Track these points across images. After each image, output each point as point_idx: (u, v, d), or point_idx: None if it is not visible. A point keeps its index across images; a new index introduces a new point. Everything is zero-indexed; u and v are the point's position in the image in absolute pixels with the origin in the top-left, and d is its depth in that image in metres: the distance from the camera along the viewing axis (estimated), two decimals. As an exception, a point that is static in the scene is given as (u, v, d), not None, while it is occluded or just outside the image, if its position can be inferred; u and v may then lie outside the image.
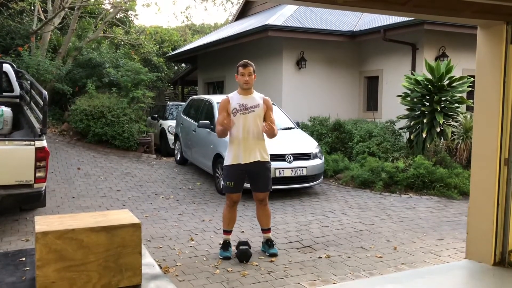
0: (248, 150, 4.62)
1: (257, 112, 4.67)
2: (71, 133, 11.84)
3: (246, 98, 4.69)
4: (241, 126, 4.61)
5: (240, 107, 4.62)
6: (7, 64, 7.87)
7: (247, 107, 4.63)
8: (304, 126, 10.56)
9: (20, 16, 15.32)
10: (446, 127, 8.71)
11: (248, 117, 4.62)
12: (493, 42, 4.17)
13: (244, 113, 4.61)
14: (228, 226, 4.82)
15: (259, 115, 4.69)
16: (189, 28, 29.45)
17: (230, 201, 4.76)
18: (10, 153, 5.17)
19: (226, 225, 4.82)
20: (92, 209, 6.70)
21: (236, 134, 4.64)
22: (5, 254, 3.16)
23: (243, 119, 4.61)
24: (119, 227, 2.59)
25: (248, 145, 4.62)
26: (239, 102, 4.65)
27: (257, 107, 4.67)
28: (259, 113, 4.68)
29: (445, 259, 4.77)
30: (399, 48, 11.01)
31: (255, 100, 4.71)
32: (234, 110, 4.62)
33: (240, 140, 4.62)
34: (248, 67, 4.69)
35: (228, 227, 4.82)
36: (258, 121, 4.67)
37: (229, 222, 4.81)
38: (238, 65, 4.73)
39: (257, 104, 4.69)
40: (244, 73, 4.66)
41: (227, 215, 4.80)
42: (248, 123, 4.61)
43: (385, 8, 3.71)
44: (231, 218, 4.81)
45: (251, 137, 4.63)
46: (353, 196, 7.72)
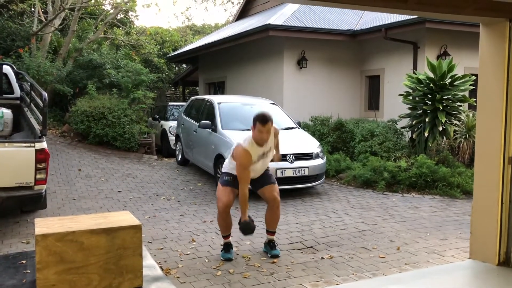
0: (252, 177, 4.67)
1: (269, 156, 4.71)
2: (72, 135, 11.83)
3: (262, 148, 4.58)
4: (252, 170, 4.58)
5: (258, 159, 4.56)
6: (7, 65, 7.87)
7: (264, 152, 4.61)
8: (305, 126, 10.53)
9: (21, 18, 15.33)
10: (448, 126, 8.68)
11: (259, 164, 4.62)
12: (496, 39, 4.14)
13: (260, 159, 4.61)
14: (225, 231, 4.77)
15: (270, 157, 4.74)
16: (189, 29, 29.46)
17: (222, 206, 4.63)
18: (10, 155, 5.15)
19: (223, 231, 4.78)
20: (93, 210, 6.67)
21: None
22: (6, 257, 3.14)
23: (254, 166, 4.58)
24: (119, 229, 2.58)
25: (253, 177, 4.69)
26: (258, 153, 4.55)
27: (269, 151, 4.69)
28: (270, 155, 4.74)
29: (449, 259, 4.73)
30: (400, 47, 10.97)
31: (269, 144, 4.62)
32: (254, 162, 4.57)
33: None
34: (268, 124, 4.37)
35: (225, 233, 4.77)
36: (268, 161, 4.74)
37: (225, 228, 4.75)
38: (257, 119, 4.39)
39: (270, 148, 4.67)
40: (263, 131, 4.38)
41: (222, 222, 4.73)
42: (258, 167, 4.64)
43: (387, 6, 3.69)
44: (227, 224, 4.73)
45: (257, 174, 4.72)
46: (355, 196, 7.69)
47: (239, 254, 4.84)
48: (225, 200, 4.61)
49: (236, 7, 26.15)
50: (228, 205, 4.62)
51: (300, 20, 11.72)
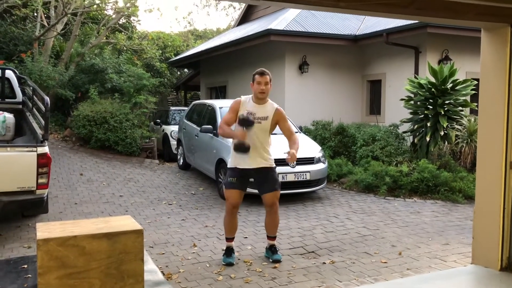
0: (251, 157, 4.55)
1: (263, 125, 4.57)
2: (74, 139, 11.85)
3: (258, 107, 4.58)
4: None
5: (247, 114, 4.49)
6: (10, 70, 7.88)
7: (255, 117, 4.52)
8: (307, 130, 10.52)
9: (23, 23, 15.40)
10: (450, 130, 8.67)
11: (257, 127, 4.52)
12: (497, 44, 4.14)
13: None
14: (230, 233, 4.76)
15: (265, 129, 4.60)
16: (191, 33, 29.54)
17: (229, 207, 4.65)
18: (12, 159, 5.16)
19: (228, 232, 4.77)
20: (94, 215, 6.67)
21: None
22: (7, 261, 3.14)
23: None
24: (121, 234, 2.57)
25: (251, 153, 4.50)
26: (248, 109, 4.55)
27: (264, 119, 4.57)
28: (265, 126, 4.59)
29: (451, 264, 4.72)
30: (402, 51, 10.98)
31: (265, 111, 4.60)
32: (241, 115, 4.53)
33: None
34: (265, 76, 4.55)
35: (230, 235, 4.77)
36: (262, 133, 4.59)
37: (230, 230, 4.75)
38: (254, 73, 4.62)
39: (266, 116, 4.59)
40: (261, 82, 4.53)
41: (227, 222, 4.73)
42: (251, 133, 4.50)
43: (388, 11, 3.70)
44: (232, 225, 4.74)
45: (253, 147, 4.50)
46: (357, 201, 7.68)
47: (241, 259, 4.83)
48: (232, 200, 4.62)
49: (237, 12, 26.24)
50: (235, 205, 4.64)
51: (302, 25, 11.75)
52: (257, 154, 4.59)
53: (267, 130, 4.63)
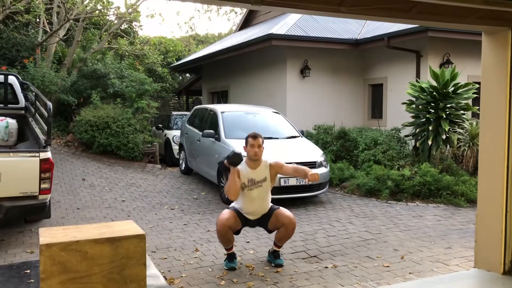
0: (255, 213, 4.73)
1: (264, 186, 4.69)
2: (76, 144, 11.87)
3: (254, 172, 4.67)
4: (248, 200, 4.66)
5: (248, 183, 4.63)
6: (13, 76, 7.92)
7: (255, 181, 4.65)
8: (308, 135, 10.53)
9: (26, 29, 15.47)
10: (452, 134, 8.66)
11: (254, 193, 4.65)
12: (498, 48, 4.15)
13: (252, 188, 4.64)
14: (227, 245, 4.72)
15: (267, 189, 4.73)
16: (193, 38, 29.62)
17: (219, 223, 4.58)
18: (15, 164, 5.17)
19: (225, 245, 4.73)
20: (97, 220, 6.68)
21: (243, 205, 4.70)
22: (10, 267, 3.15)
23: (248, 195, 4.65)
24: (123, 239, 2.58)
25: (254, 211, 4.72)
26: (248, 176, 4.64)
27: (264, 181, 4.69)
28: (266, 187, 4.72)
29: (454, 268, 4.71)
30: (403, 55, 11.00)
31: (262, 173, 4.70)
32: (243, 185, 4.63)
33: (248, 210, 4.70)
34: (258, 139, 4.67)
35: (227, 246, 4.72)
36: (265, 193, 4.73)
37: (226, 243, 4.69)
38: (247, 136, 4.73)
39: (264, 178, 4.69)
40: (254, 145, 4.64)
41: (221, 239, 4.66)
42: (254, 198, 4.66)
43: (389, 16, 3.71)
44: (227, 240, 4.66)
45: (257, 209, 4.71)
46: (359, 205, 7.67)
47: (243, 264, 4.83)
48: (225, 220, 4.57)
49: (239, 17, 26.32)
50: (226, 224, 4.56)
51: (303, 30, 11.78)
52: (260, 209, 4.75)
53: (269, 188, 4.77)
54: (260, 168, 4.71)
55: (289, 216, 4.68)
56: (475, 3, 3.39)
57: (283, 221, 4.67)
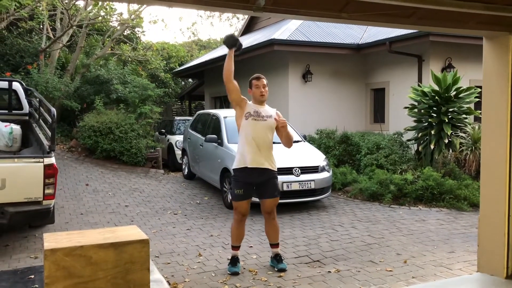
0: (256, 155, 4.62)
1: (269, 122, 4.69)
2: (80, 150, 11.92)
3: (261, 107, 4.74)
4: (251, 131, 4.61)
5: (253, 113, 4.65)
6: (17, 82, 7.97)
7: (260, 115, 4.67)
8: (311, 139, 10.54)
9: (30, 35, 15.58)
10: (454, 138, 8.66)
11: (259, 124, 4.63)
12: (499, 52, 4.16)
13: (257, 119, 4.63)
14: (237, 241, 4.79)
15: (271, 127, 4.71)
16: (195, 44, 29.71)
17: (238, 215, 4.72)
18: (19, 170, 5.21)
19: (235, 240, 4.79)
20: (100, 225, 6.70)
21: (246, 139, 4.63)
22: (14, 272, 3.17)
23: (253, 125, 4.61)
24: (127, 244, 2.60)
25: (256, 151, 4.61)
26: (254, 108, 4.69)
27: (269, 117, 4.71)
28: (271, 124, 4.71)
29: (456, 272, 4.71)
30: (405, 60, 11.02)
31: (268, 111, 4.77)
32: (247, 114, 4.63)
33: (249, 145, 4.62)
34: (262, 79, 4.77)
35: (236, 243, 4.79)
36: (269, 132, 4.70)
37: (237, 238, 4.78)
38: (251, 79, 4.81)
39: (270, 115, 4.74)
40: (259, 85, 4.73)
41: (235, 230, 4.77)
42: (258, 130, 4.63)
43: (390, 21, 3.74)
44: (239, 233, 4.78)
45: (260, 145, 4.62)
46: (362, 209, 7.67)
47: (246, 268, 4.84)
48: (242, 209, 4.69)
49: (241, 23, 26.40)
50: (245, 213, 4.72)
51: (305, 35, 11.82)
52: (263, 154, 4.65)
53: (273, 128, 4.75)
54: (266, 107, 4.78)
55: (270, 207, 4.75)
56: (475, 8, 3.41)
57: (265, 208, 4.77)
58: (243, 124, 4.65)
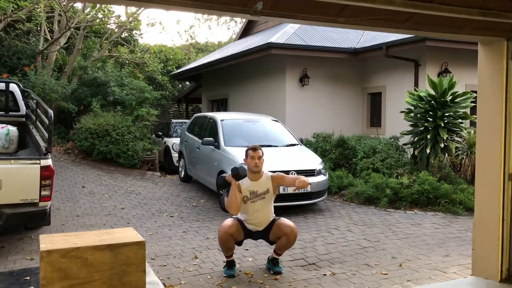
0: (258, 225, 4.77)
1: (267, 198, 4.74)
2: (76, 152, 11.90)
3: (256, 184, 4.72)
4: (251, 213, 4.71)
5: (250, 195, 4.68)
6: (14, 83, 7.97)
7: (258, 194, 4.70)
8: (307, 143, 10.57)
9: (27, 37, 15.56)
10: (450, 142, 8.70)
11: (258, 204, 4.69)
12: (494, 58, 4.20)
13: (254, 201, 4.69)
14: (227, 252, 4.74)
15: (270, 199, 4.77)
16: (193, 47, 29.76)
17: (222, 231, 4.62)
18: (16, 171, 5.21)
19: (225, 252, 4.75)
20: (96, 227, 6.70)
21: (247, 217, 4.74)
22: (10, 273, 3.17)
23: (252, 207, 4.69)
24: (123, 245, 2.60)
25: (258, 223, 4.76)
26: (249, 189, 4.69)
27: (267, 193, 4.74)
28: (269, 198, 4.77)
29: (451, 275, 4.73)
30: (401, 64, 11.07)
31: (264, 185, 4.74)
32: (245, 198, 4.67)
33: (251, 221, 4.74)
34: (258, 151, 4.75)
35: (227, 253, 4.74)
36: (268, 204, 4.77)
37: (227, 250, 4.71)
38: (247, 149, 4.80)
39: (267, 189, 4.74)
40: (254, 157, 4.70)
41: (222, 246, 4.69)
42: (257, 210, 4.70)
43: (386, 26, 3.77)
44: (228, 248, 4.69)
45: (261, 219, 4.75)
46: (357, 213, 7.69)
47: (242, 271, 4.85)
48: (227, 227, 4.62)
49: (239, 26, 26.47)
50: (228, 232, 4.60)
51: (302, 39, 11.87)
52: (264, 220, 4.78)
53: (272, 198, 4.81)
54: (262, 180, 4.75)
55: (290, 226, 4.70)
56: (470, 14, 3.45)
57: (285, 230, 4.68)
58: (242, 205, 4.69)
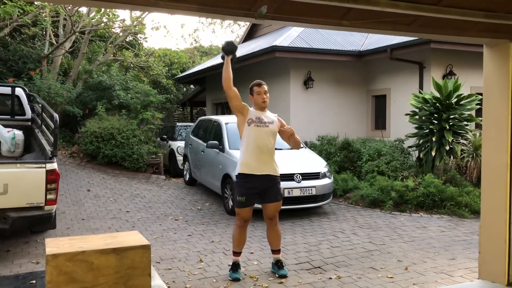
0: (259, 162, 4.65)
1: (271, 128, 4.71)
2: (81, 155, 11.94)
3: (262, 113, 4.76)
4: (254, 138, 4.63)
5: (255, 119, 4.67)
6: (20, 88, 8.01)
7: (263, 121, 4.69)
8: (312, 146, 10.56)
9: (32, 41, 15.65)
10: (455, 145, 8.67)
11: (262, 130, 4.65)
12: (499, 60, 4.19)
13: (259, 125, 4.65)
14: (238, 247, 4.79)
15: (273, 132, 4.74)
16: (197, 50, 29.82)
17: (241, 221, 4.72)
18: (22, 175, 5.23)
19: (236, 246, 4.79)
20: (101, 231, 6.71)
21: (248, 145, 4.65)
22: (16, 277, 3.18)
23: (256, 132, 4.64)
24: (128, 249, 2.61)
25: (259, 158, 4.65)
26: (256, 114, 4.71)
27: (271, 123, 4.73)
28: (273, 130, 4.73)
29: (458, 279, 4.70)
30: (406, 67, 11.05)
31: (270, 117, 4.80)
32: (250, 120, 4.65)
33: (252, 151, 4.64)
34: (263, 86, 4.80)
35: (237, 248, 4.79)
36: (272, 137, 4.72)
37: (238, 243, 4.78)
38: (252, 85, 4.84)
39: (272, 121, 4.76)
40: (261, 92, 4.76)
41: (237, 236, 4.77)
42: (261, 136, 4.64)
43: (391, 29, 3.76)
44: (241, 239, 4.78)
45: (263, 151, 4.65)
46: (363, 216, 7.67)
47: (247, 274, 4.84)
48: (244, 215, 4.70)
49: (243, 29, 26.50)
50: (247, 219, 4.71)
51: (306, 41, 11.87)
52: (266, 161, 4.68)
53: (275, 134, 4.77)
54: (269, 113, 4.81)
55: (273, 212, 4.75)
56: (476, 16, 3.44)
57: (267, 214, 4.77)
58: (246, 130, 4.66)
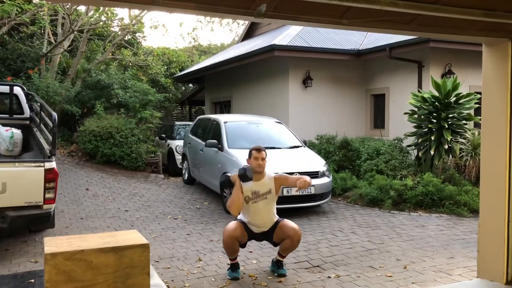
0: (261, 227, 4.76)
1: (269, 199, 4.72)
2: (80, 154, 11.93)
3: (258, 184, 4.70)
4: (254, 215, 4.70)
5: (252, 195, 4.66)
6: (18, 86, 7.99)
7: (260, 194, 4.69)
8: (311, 145, 10.56)
9: (31, 40, 15.63)
10: (454, 144, 8.67)
11: (260, 204, 4.68)
12: (498, 59, 4.19)
13: (256, 201, 4.67)
14: (232, 255, 4.72)
15: (272, 200, 4.76)
16: (196, 49, 29.79)
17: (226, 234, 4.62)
18: (20, 174, 5.22)
19: (230, 255, 4.74)
20: (100, 229, 6.70)
21: (249, 218, 4.73)
22: (14, 276, 3.17)
23: (254, 208, 4.68)
24: (127, 248, 2.60)
25: (261, 224, 4.74)
26: (251, 189, 4.67)
27: (269, 193, 4.72)
28: (272, 198, 4.75)
29: (456, 278, 4.70)
30: (405, 65, 11.05)
31: (266, 185, 4.73)
32: (247, 198, 4.66)
33: (253, 223, 4.73)
34: (262, 152, 4.74)
35: (232, 256, 4.73)
36: (271, 204, 4.76)
37: (231, 253, 4.70)
38: (251, 149, 4.80)
39: (269, 190, 4.73)
40: (258, 157, 4.70)
41: (227, 249, 4.68)
42: (260, 210, 4.69)
43: (390, 28, 3.76)
44: (233, 249, 4.68)
45: (264, 219, 4.74)
46: (361, 215, 7.67)
47: (246, 273, 4.84)
48: (232, 231, 4.60)
49: (241, 28, 26.51)
50: (233, 235, 4.59)
51: (305, 40, 11.86)
52: (266, 221, 4.76)
53: (274, 199, 4.80)
54: (264, 180, 4.73)
55: (294, 228, 4.69)
56: (475, 15, 3.44)
57: (288, 232, 4.66)
58: (245, 206, 4.68)
